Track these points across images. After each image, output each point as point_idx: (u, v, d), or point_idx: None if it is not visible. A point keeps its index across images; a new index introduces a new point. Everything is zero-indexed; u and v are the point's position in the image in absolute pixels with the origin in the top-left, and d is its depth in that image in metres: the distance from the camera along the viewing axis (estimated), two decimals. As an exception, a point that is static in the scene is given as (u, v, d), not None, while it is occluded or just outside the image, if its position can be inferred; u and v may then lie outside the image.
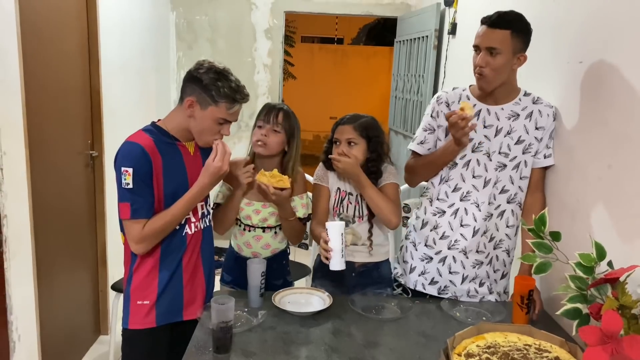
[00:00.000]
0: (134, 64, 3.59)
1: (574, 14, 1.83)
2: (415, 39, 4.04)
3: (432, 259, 1.95)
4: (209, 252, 1.86)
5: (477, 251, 1.90)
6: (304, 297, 1.86)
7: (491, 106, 1.87)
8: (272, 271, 1.97)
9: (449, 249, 1.92)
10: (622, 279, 1.29)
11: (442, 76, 3.56)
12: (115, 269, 3.12)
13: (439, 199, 1.94)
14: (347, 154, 1.89)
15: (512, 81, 1.84)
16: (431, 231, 1.95)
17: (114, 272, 3.11)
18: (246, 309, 1.74)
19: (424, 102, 3.71)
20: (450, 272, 1.93)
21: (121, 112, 3.24)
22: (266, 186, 1.81)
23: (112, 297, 2.76)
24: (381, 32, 11.03)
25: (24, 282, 2.27)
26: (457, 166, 1.89)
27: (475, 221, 1.88)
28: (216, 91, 1.62)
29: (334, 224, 1.76)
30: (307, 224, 2.04)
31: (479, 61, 1.76)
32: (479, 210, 1.88)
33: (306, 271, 2.77)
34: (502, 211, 1.89)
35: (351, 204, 1.99)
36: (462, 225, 1.90)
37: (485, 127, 1.86)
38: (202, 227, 1.79)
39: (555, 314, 1.64)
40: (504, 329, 1.51)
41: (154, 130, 1.68)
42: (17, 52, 2.14)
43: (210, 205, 1.88)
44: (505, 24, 1.72)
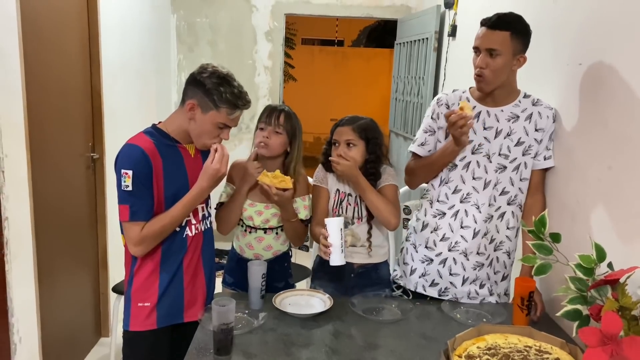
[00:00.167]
0: (135, 66, 3.60)
1: (574, 16, 1.84)
2: (415, 41, 4.05)
3: (432, 260, 1.95)
4: (210, 254, 1.86)
5: (477, 253, 1.90)
6: (304, 299, 1.86)
7: (491, 108, 1.87)
8: (273, 273, 1.97)
9: (450, 250, 1.92)
10: (622, 280, 1.29)
11: (442, 78, 3.57)
12: (116, 271, 3.13)
13: (439, 200, 1.94)
14: (345, 156, 1.90)
15: (511, 83, 1.85)
16: (431, 233, 1.95)
17: (114, 274, 3.11)
18: (247, 311, 1.75)
19: (424, 104, 3.71)
20: (450, 274, 1.93)
21: (122, 114, 3.25)
22: (268, 187, 1.82)
23: (113, 299, 2.76)
24: (381, 34, 11.06)
25: (25, 284, 2.27)
26: (457, 168, 1.89)
27: (475, 223, 1.88)
28: (218, 96, 1.62)
29: (333, 220, 1.78)
30: (309, 226, 2.04)
31: (479, 62, 1.77)
32: (479, 212, 1.88)
33: (307, 273, 2.77)
34: (503, 213, 1.89)
35: (350, 205, 1.99)
36: (462, 227, 1.90)
37: (485, 128, 1.87)
38: (202, 229, 1.80)
39: (555, 315, 1.64)
40: (504, 330, 1.51)
41: (155, 132, 1.69)
42: (18, 54, 2.14)
43: (210, 207, 1.88)
44: (505, 25, 1.73)
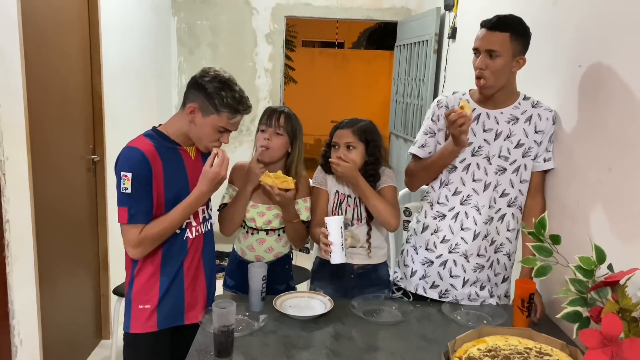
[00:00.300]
0: (135, 68, 3.61)
1: (573, 18, 1.84)
2: (415, 43, 4.05)
3: (432, 262, 1.95)
4: (210, 256, 1.86)
5: (477, 255, 1.90)
6: (305, 301, 1.86)
7: (491, 110, 1.87)
8: (274, 275, 1.97)
9: (450, 252, 1.92)
10: (622, 282, 1.29)
11: (442, 80, 3.57)
12: (116, 273, 3.13)
13: (439, 202, 1.94)
14: (345, 158, 1.90)
15: (511, 85, 1.85)
16: (432, 235, 1.95)
17: (115, 277, 3.11)
18: (247, 313, 1.75)
19: (425, 106, 3.71)
20: (451, 276, 1.93)
21: (123, 117, 3.26)
22: (271, 187, 1.83)
23: (114, 302, 2.76)
24: (382, 36, 11.06)
25: (26, 286, 2.27)
26: (457, 170, 1.90)
27: (475, 225, 1.88)
28: (219, 100, 1.62)
29: (333, 218, 1.79)
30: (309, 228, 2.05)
31: (479, 63, 1.77)
32: (480, 214, 1.88)
33: (308, 275, 2.77)
34: (503, 215, 1.90)
35: (350, 206, 2.00)
36: (462, 229, 1.90)
37: (484, 131, 1.87)
38: (203, 231, 1.80)
39: (555, 317, 1.64)
40: (504, 332, 1.52)
41: (155, 135, 1.69)
42: (19, 57, 2.15)
43: (211, 209, 1.89)
44: (504, 26, 1.73)
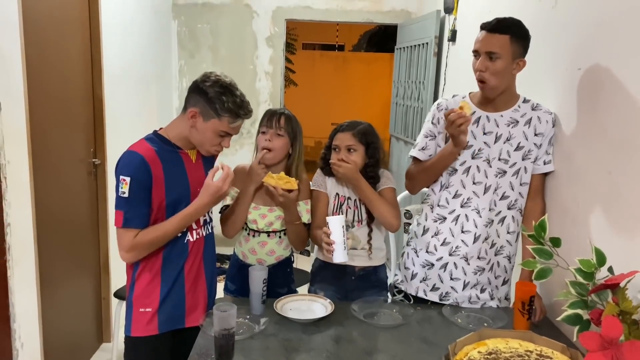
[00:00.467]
0: (136, 72, 3.62)
1: (573, 21, 1.85)
2: (415, 45, 4.06)
3: (433, 265, 1.95)
4: (211, 259, 1.86)
5: (478, 257, 1.90)
6: (305, 304, 1.87)
7: (490, 113, 1.88)
8: (276, 279, 1.98)
9: (450, 255, 1.92)
10: (622, 284, 1.29)
11: (442, 83, 3.58)
12: (117, 277, 3.13)
13: (439, 205, 1.94)
14: (347, 160, 1.92)
15: (511, 88, 1.85)
16: (432, 237, 1.95)
17: (116, 280, 3.12)
18: (248, 316, 1.75)
19: (425, 109, 3.72)
20: (451, 279, 1.93)
21: (123, 120, 3.26)
22: (274, 188, 1.83)
23: (115, 305, 2.76)
24: (382, 38, 11.06)
25: (27, 290, 2.28)
26: (457, 173, 1.90)
27: (476, 227, 1.89)
28: (220, 105, 1.63)
29: (335, 217, 1.81)
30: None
31: (479, 65, 1.77)
32: (480, 216, 1.88)
33: (308, 278, 2.77)
34: (503, 217, 1.90)
35: (350, 208, 2.01)
36: (462, 231, 1.90)
37: (484, 133, 1.87)
38: (204, 234, 1.80)
39: (556, 319, 1.64)
40: (505, 335, 1.51)
41: (156, 138, 1.69)
42: (20, 61, 2.16)
43: (212, 212, 1.89)
44: (504, 29, 1.74)
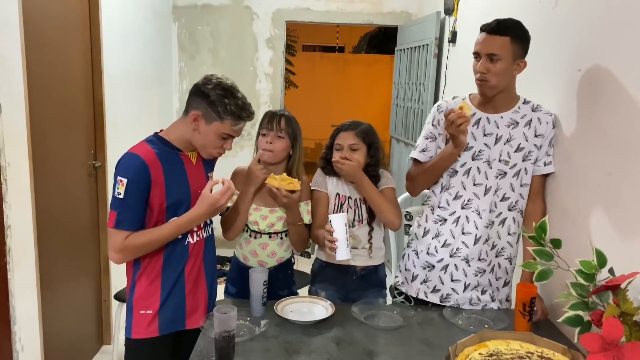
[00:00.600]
0: (137, 74, 3.62)
1: (573, 22, 1.85)
2: (415, 47, 4.06)
3: (434, 267, 1.95)
4: (212, 261, 1.86)
5: (479, 259, 1.90)
6: (306, 306, 1.86)
7: (491, 114, 1.88)
8: (277, 281, 1.98)
9: (451, 257, 1.92)
10: (623, 286, 1.29)
11: (442, 84, 3.58)
12: (118, 279, 3.13)
13: (440, 207, 1.94)
14: (350, 158, 1.94)
15: (511, 89, 1.86)
16: (433, 239, 1.95)
17: (117, 282, 3.12)
18: (248, 318, 1.75)
19: (425, 110, 3.72)
20: (452, 280, 1.93)
21: (124, 122, 3.27)
22: (277, 189, 1.83)
23: (115, 307, 2.76)
24: (382, 40, 11.07)
25: (27, 292, 2.28)
26: (458, 174, 1.90)
27: (476, 229, 1.88)
28: (222, 108, 1.63)
29: (337, 215, 1.82)
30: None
31: (480, 67, 1.77)
32: (480, 218, 1.88)
33: (308, 280, 2.77)
34: (504, 219, 1.90)
35: (351, 208, 2.02)
36: (463, 233, 1.90)
37: (485, 135, 1.87)
38: (204, 236, 1.80)
39: (557, 321, 1.64)
40: (506, 336, 1.51)
41: (156, 140, 1.70)
42: (20, 63, 2.16)
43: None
44: (504, 30, 1.74)
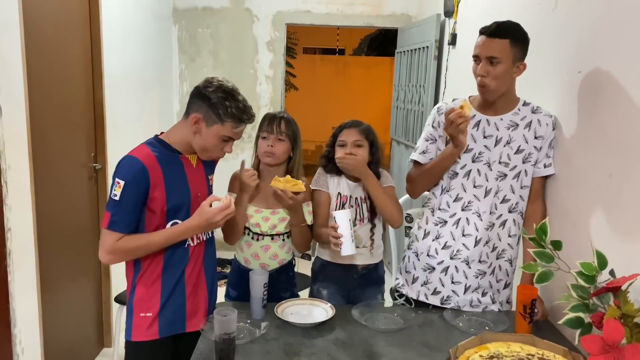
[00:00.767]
0: (137, 76, 3.62)
1: (572, 24, 1.85)
2: (415, 49, 4.07)
3: (434, 269, 1.95)
4: (212, 264, 1.86)
5: (479, 261, 1.90)
6: (306, 308, 1.86)
7: (491, 116, 1.88)
8: (279, 283, 1.99)
9: (451, 258, 1.92)
10: (624, 287, 1.29)
11: (442, 86, 3.58)
12: (118, 281, 3.13)
13: (440, 209, 1.94)
14: (355, 153, 1.96)
15: (511, 91, 1.86)
16: (433, 241, 1.95)
17: (117, 284, 3.12)
18: (249, 321, 1.75)
19: (425, 112, 3.72)
20: (452, 282, 1.93)
21: (124, 125, 3.27)
22: (283, 191, 1.83)
23: (116, 309, 2.76)
24: (382, 42, 11.11)
25: (28, 294, 2.27)
26: (458, 176, 1.90)
27: (477, 231, 1.88)
28: (223, 110, 1.63)
29: (342, 212, 1.83)
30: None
31: (480, 70, 1.78)
32: (481, 219, 1.88)
33: (308, 282, 2.77)
34: (504, 221, 1.89)
35: (352, 207, 2.03)
36: (464, 235, 1.90)
37: (485, 137, 1.87)
38: (204, 238, 1.80)
39: (557, 323, 1.63)
40: (507, 338, 1.51)
41: (157, 143, 1.69)
42: (21, 65, 2.16)
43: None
44: (503, 33, 1.74)
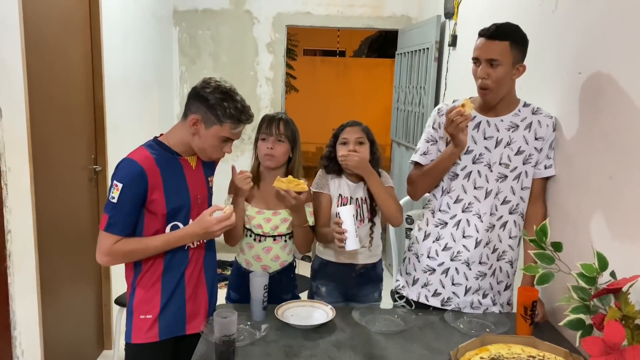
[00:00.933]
0: (137, 78, 3.63)
1: (573, 25, 1.85)
2: (416, 51, 4.07)
3: (434, 270, 1.94)
4: (212, 266, 1.86)
5: (480, 262, 1.90)
6: (306, 310, 1.86)
7: (491, 118, 1.88)
8: (281, 285, 1.99)
9: (452, 260, 1.92)
10: (624, 289, 1.29)
11: (443, 88, 3.58)
12: (118, 283, 3.13)
13: (440, 210, 1.94)
14: (358, 151, 1.98)
15: (511, 92, 1.85)
16: (433, 243, 1.95)
17: (117, 286, 3.12)
18: (249, 323, 1.74)
19: (426, 114, 3.72)
20: (453, 284, 1.92)
21: (124, 127, 3.27)
22: (286, 192, 1.83)
23: (116, 312, 2.76)
24: (383, 44, 11.12)
25: (28, 297, 2.27)
26: (459, 177, 1.90)
27: (477, 232, 1.88)
28: (222, 111, 1.62)
29: (346, 207, 1.85)
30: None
31: (480, 73, 1.77)
32: (481, 221, 1.88)
33: (309, 284, 2.77)
34: (505, 222, 1.89)
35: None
36: (464, 236, 1.90)
37: (485, 138, 1.87)
38: (204, 240, 1.80)
39: (558, 324, 1.63)
40: (507, 340, 1.51)
41: (156, 145, 1.69)
42: (21, 68, 2.16)
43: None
44: (503, 35, 1.74)
